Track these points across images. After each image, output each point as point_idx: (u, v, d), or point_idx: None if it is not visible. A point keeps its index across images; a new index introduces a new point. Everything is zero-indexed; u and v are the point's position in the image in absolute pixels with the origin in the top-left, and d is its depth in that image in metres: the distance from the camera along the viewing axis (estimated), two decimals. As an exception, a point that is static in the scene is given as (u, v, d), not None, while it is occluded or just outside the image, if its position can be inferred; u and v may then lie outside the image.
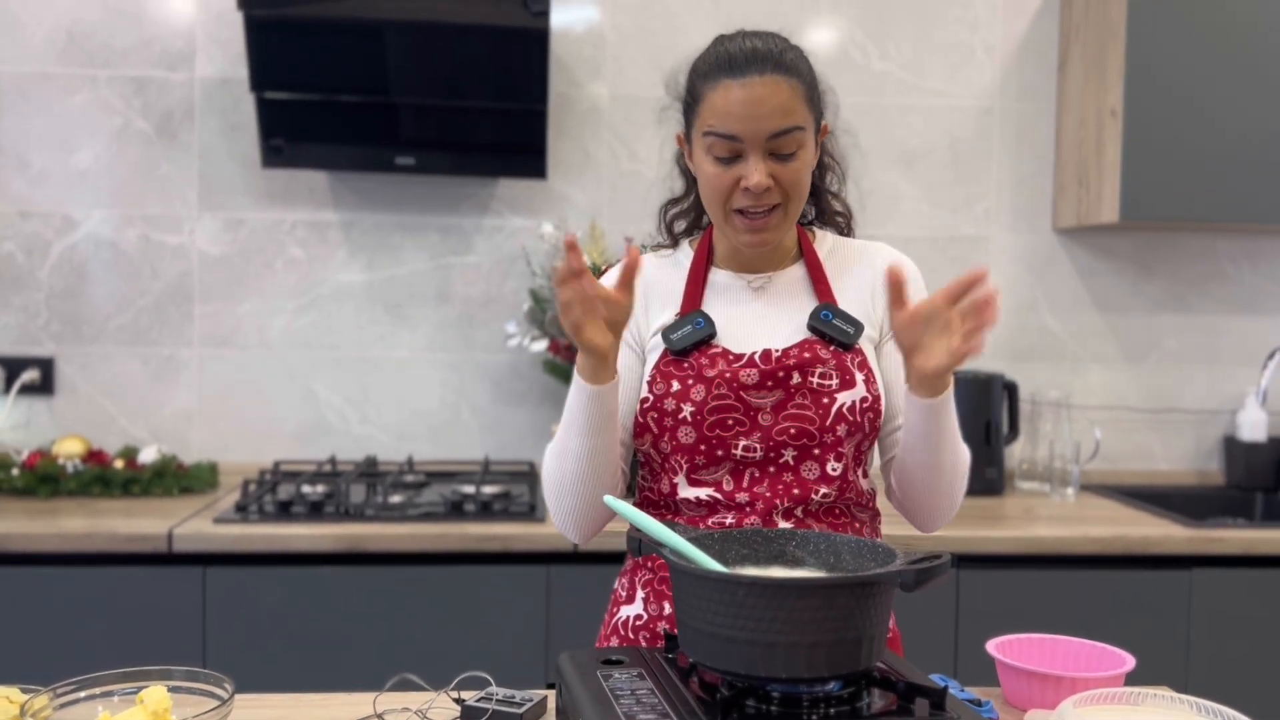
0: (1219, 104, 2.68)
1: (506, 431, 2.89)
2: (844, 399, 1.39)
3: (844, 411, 1.39)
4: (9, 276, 2.77)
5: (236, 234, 2.82)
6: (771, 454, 1.39)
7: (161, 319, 2.81)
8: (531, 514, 2.37)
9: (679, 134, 1.47)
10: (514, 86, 2.63)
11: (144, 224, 2.79)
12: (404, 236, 2.86)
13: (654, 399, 1.41)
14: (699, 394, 1.38)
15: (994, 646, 1.38)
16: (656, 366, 1.42)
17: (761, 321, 1.44)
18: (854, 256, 1.50)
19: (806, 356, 1.39)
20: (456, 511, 2.38)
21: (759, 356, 1.40)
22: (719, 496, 1.40)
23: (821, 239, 1.52)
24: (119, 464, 2.58)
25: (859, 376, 1.40)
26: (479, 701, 1.24)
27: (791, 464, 1.39)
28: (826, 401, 1.38)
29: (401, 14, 2.55)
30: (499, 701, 1.23)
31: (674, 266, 1.50)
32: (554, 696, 1.25)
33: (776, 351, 1.40)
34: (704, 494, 1.40)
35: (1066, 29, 2.96)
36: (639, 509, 1.47)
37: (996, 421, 2.81)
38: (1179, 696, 1.18)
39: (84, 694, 1.18)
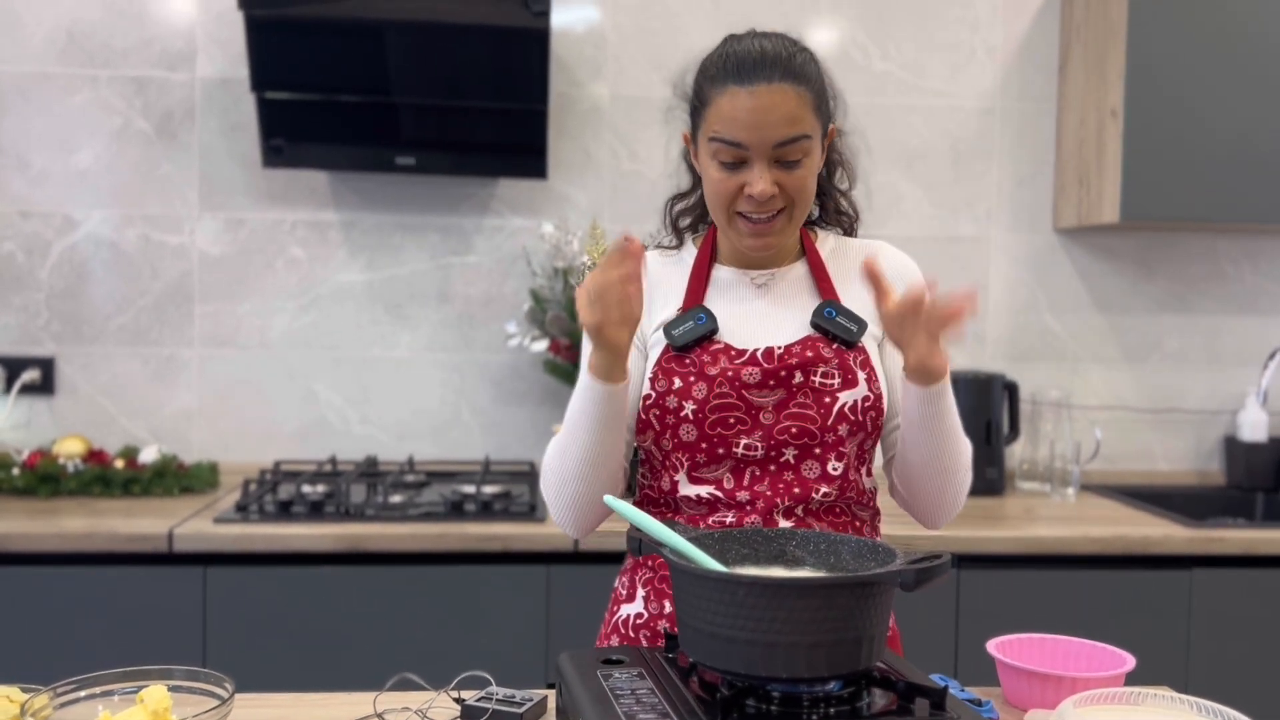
0: (1219, 104, 2.68)
1: (507, 431, 2.89)
2: (846, 398, 1.38)
3: (846, 411, 1.38)
4: (9, 276, 2.77)
5: (237, 234, 2.82)
6: (772, 453, 1.39)
7: (162, 319, 2.81)
8: (532, 514, 2.38)
9: (685, 132, 1.46)
10: (514, 86, 2.63)
11: (144, 224, 2.80)
12: (404, 236, 2.86)
13: (656, 396, 1.41)
14: (700, 392, 1.38)
15: (994, 646, 1.38)
16: (658, 363, 1.42)
17: (764, 318, 1.44)
18: (856, 256, 1.50)
19: (809, 355, 1.39)
20: (457, 511, 2.38)
21: (761, 354, 1.40)
22: (719, 494, 1.40)
23: (823, 239, 1.52)
24: (119, 464, 2.58)
25: (861, 375, 1.40)
26: (479, 701, 1.24)
27: (792, 463, 1.39)
28: (828, 401, 1.38)
29: (402, 14, 2.55)
30: (499, 701, 1.23)
31: (677, 263, 1.50)
32: (554, 696, 1.25)
33: (779, 349, 1.40)
34: (704, 492, 1.40)
35: (1067, 29, 2.96)
36: (639, 507, 1.47)
37: (997, 421, 2.81)
38: (1179, 696, 1.18)
39: (84, 693, 1.18)
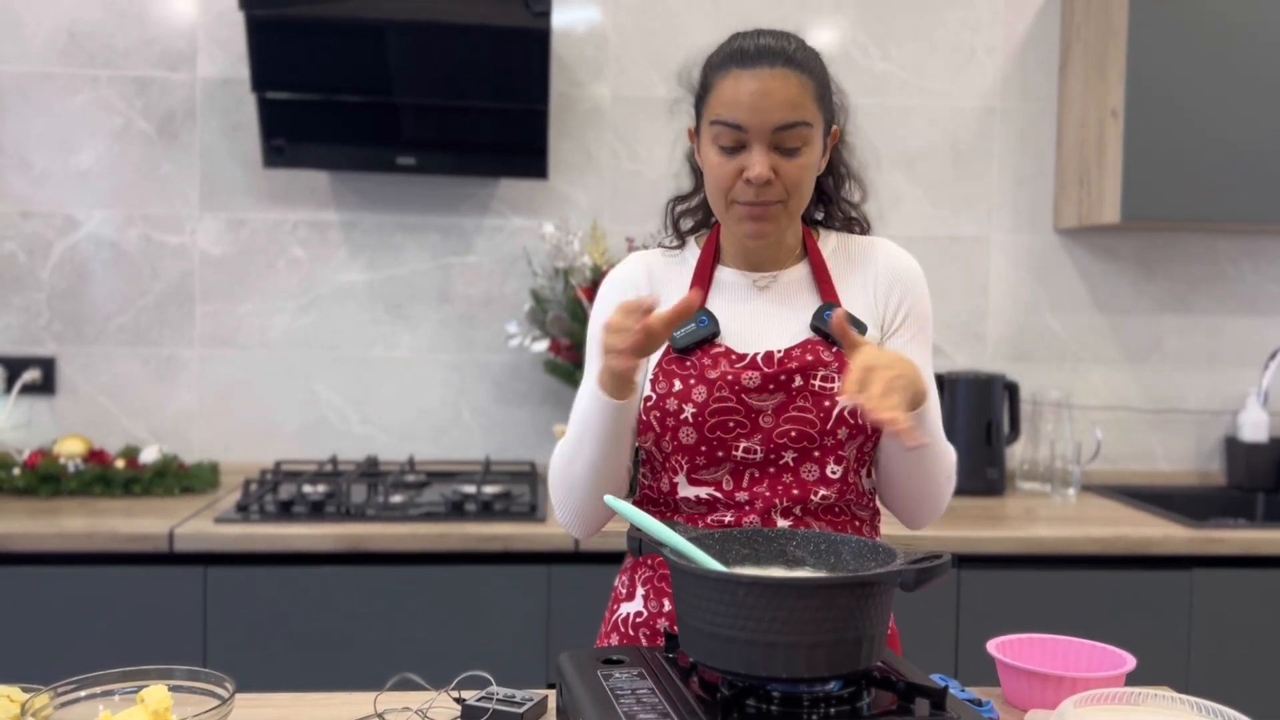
0: (1219, 104, 2.68)
1: (507, 431, 2.89)
2: (846, 402, 1.38)
3: (845, 414, 1.38)
4: (10, 276, 2.77)
5: (238, 234, 2.82)
6: (772, 455, 1.39)
7: (163, 319, 2.81)
8: (532, 514, 2.38)
9: (690, 128, 1.47)
10: (515, 86, 2.63)
11: (145, 224, 2.80)
12: (405, 236, 2.86)
13: (656, 398, 1.41)
14: (700, 395, 1.38)
15: (994, 646, 1.38)
16: (659, 364, 1.42)
17: (765, 320, 1.44)
18: (858, 254, 1.50)
19: (809, 359, 1.39)
20: (457, 511, 2.39)
21: (761, 358, 1.40)
22: (719, 495, 1.40)
23: (825, 238, 1.52)
24: (120, 464, 2.58)
25: None
26: (479, 701, 1.24)
27: (791, 465, 1.39)
28: (828, 404, 1.38)
29: (403, 14, 2.56)
30: (499, 701, 1.23)
31: (679, 264, 1.50)
32: (554, 696, 1.25)
33: (779, 353, 1.40)
34: (703, 493, 1.41)
35: (1067, 30, 2.96)
36: (639, 506, 1.47)
37: (997, 422, 2.81)
38: (1179, 697, 1.18)
39: (85, 693, 1.18)
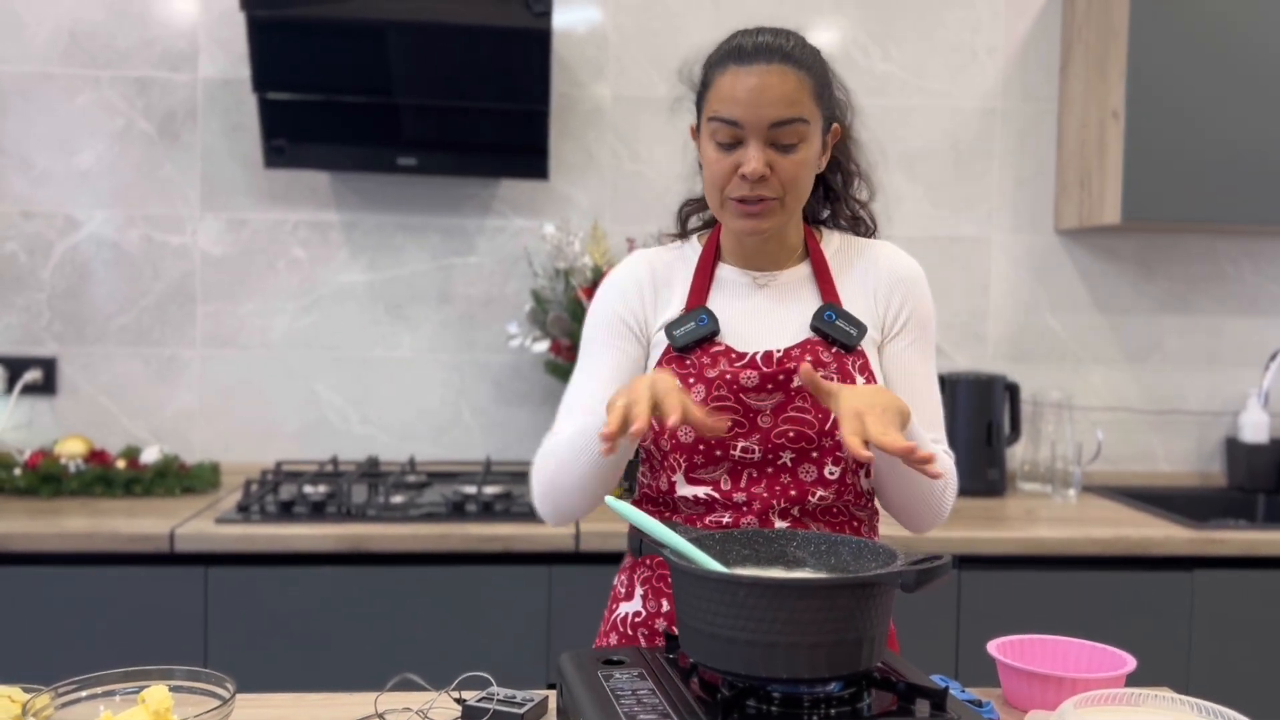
0: (1220, 106, 2.68)
1: (508, 432, 2.89)
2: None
3: None
4: (11, 276, 2.77)
5: (238, 234, 2.82)
6: (770, 455, 1.39)
7: (163, 319, 2.81)
8: (533, 514, 2.37)
9: (692, 125, 1.47)
10: (516, 87, 2.63)
11: (146, 224, 2.80)
12: (406, 237, 2.86)
13: (655, 397, 1.41)
14: (699, 394, 1.38)
15: (995, 647, 1.38)
16: (659, 363, 1.42)
17: (765, 320, 1.44)
18: (859, 255, 1.50)
19: (808, 360, 1.39)
20: (458, 512, 2.39)
21: (760, 358, 1.40)
22: (716, 495, 1.40)
23: (828, 238, 1.52)
24: (121, 464, 2.58)
25: (860, 380, 1.40)
26: (480, 702, 1.24)
27: (789, 466, 1.39)
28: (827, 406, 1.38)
29: (403, 14, 2.56)
30: (500, 702, 1.23)
31: (681, 259, 1.50)
32: (555, 697, 1.25)
33: (778, 353, 1.40)
34: (701, 492, 1.41)
35: (1068, 31, 2.96)
36: (638, 505, 1.48)
37: (998, 422, 2.81)
38: (1180, 698, 1.18)
39: (85, 693, 1.18)
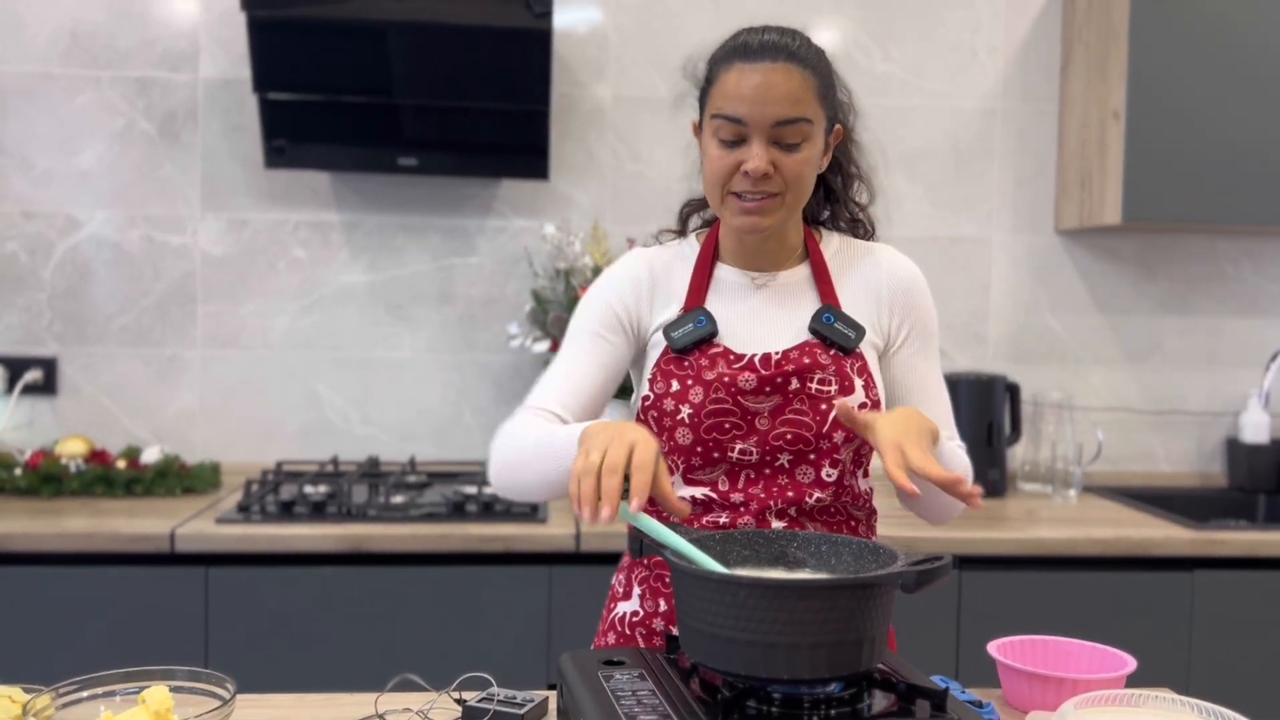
0: (1221, 106, 2.68)
1: (508, 432, 2.89)
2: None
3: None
4: (12, 277, 2.77)
5: (239, 234, 2.82)
6: (767, 457, 1.39)
7: (164, 319, 2.81)
8: (533, 515, 2.38)
9: (694, 122, 1.46)
10: (516, 87, 2.63)
11: (147, 224, 2.80)
12: (406, 237, 2.86)
13: (654, 398, 1.41)
14: (697, 396, 1.38)
15: (995, 648, 1.38)
16: (657, 364, 1.42)
17: (763, 321, 1.44)
18: (859, 258, 1.50)
19: (806, 362, 1.39)
20: (458, 512, 2.39)
21: (759, 360, 1.39)
22: (714, 496, 1.40)
23: (828, 239, 1.51)
24: (121, 464, 2.58)
25: (858, 382, 1.40)
26: (480, 702, 1.24)
27: (787, 467, 1.39)
28: (824, 408, 1.38)
29: (404, 15, 2.56)
30: (500, 702, 1.23)
31: (680, 260, 1.49)
32: (555, 697, 1.25)
33: (776, 355, 1.40)
34: (699, 493, 1.41)
35: (1069, 31, 2.96)
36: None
37: (998, 423, 2.81)
38: (1180, 698, 1.18)
39: (86, 694, 1.19)
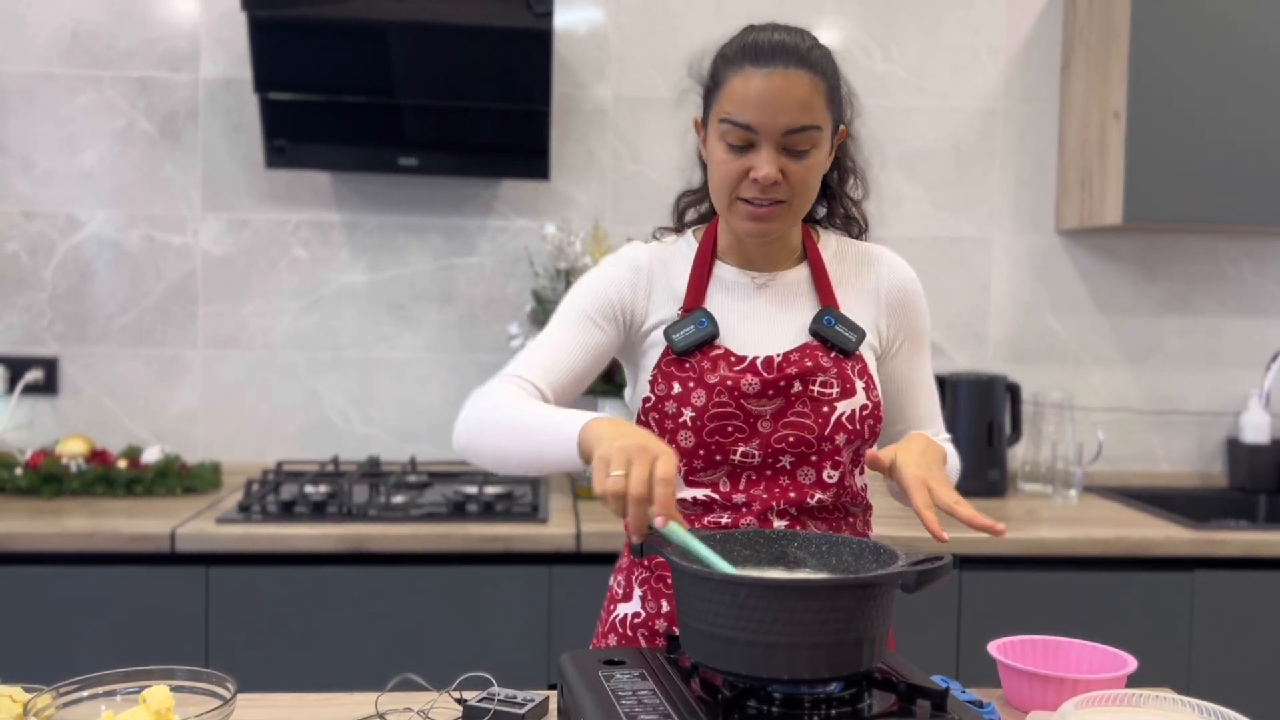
0: (1221, 106, 2.68)
1: (509, 432, 2.89)
2: (844, 408, 1.39)
3: (843, 420, 1.39)
4: (13, 276, 2.77)
5: (240, 234, 2.82)
6: (769, 459, 1.39)
7: (165, 319, 2.81)
8: (534, 514, 2.38)
9: (696, 118, 1.45)
10: (517, 87, 2.63)
11: (148, 224, 2.80)
12: (407, 237, 2.86)
13: (655, 399, 1.41)
14: (699, 399, 1.38)
15: (995, 648, 1.38)
16: (658, 365, 1.42)
17: (764, 322, 1.43)
18: (858, 260, 1.50)
19: (808, 364, 1.39)
20: (459, 512, 2.39)
21: (761, 363, 1.39)
22: (715, 497, 1.40)
23: (826, 240, 1.51)
24: (122, 464, 2.58)
25: (859, 384, 1.40)
26: (481, 702, 1.24)
27: (789, 469, 1.40)
28: (826, 410, 1.38)
29: (405, 15, 2.56)
30: (501, 702, 1.23)
31: (677, 257, 1.49)
32: (555, 697, 1.25)
33: (778, 357, 1.40)
34: (700, 494, 1.41)
35: (1070, 31, 2.96)
36: None
37: (999, 423, 2.81)
38: (1181, 698, 1.18)
39: (87, 693, 1.19)
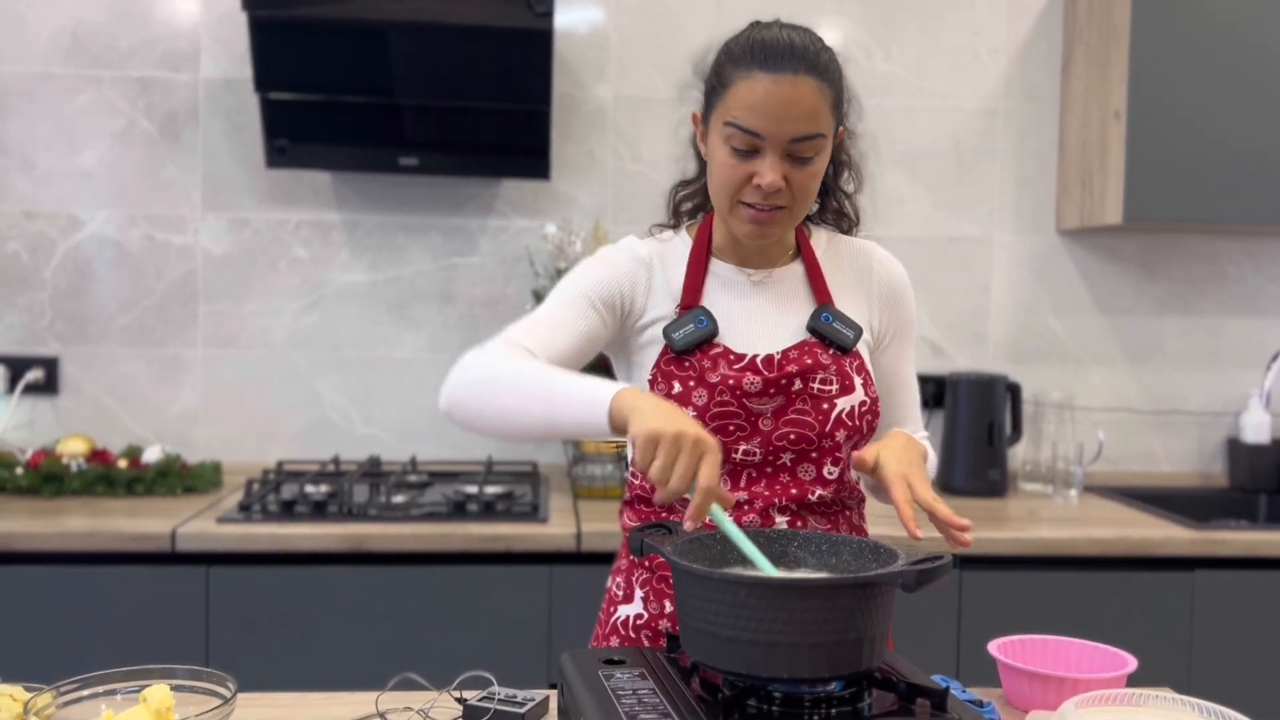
0: (1222, 106, 2.68)
1: (509, 432, 2.89)
2: (843, 404, 1.39)
3: (843, 417, 1.39)
4: (14, 276, 2.77)
5: (240, 234, 2.82)
6: (770, 457, 1.39)
7: (166, 319, 2.81)
8: (534, 514, 2.38)
9: (695, 113, 1.44)
10: (518, 87, 2.63)
11: (148, 224, 2.80)
12: (408, 237, 2.86)
13: (656, 400, 1.41)
14: (701, 398, 1.38)
15: (996, 647, 1.39)
16: (657, 365, 1.42)
17: (762, 320, 1.43)
18: (850, 255, 1.50)
19: (808, 362, 1.39)
20: (459, 512, 2.39)
21: (761, 362, 1.39)
22: (719, 496, 1.40)
23: (816, 235, 1.51)
24: (123, 463, 2.58)
25: (857, 381, 1.41)
26: (481, 701, 1.24)
27: (789, 465, 1.40)
28: (826, 408, 1.39)
29: (405, 15, 2.56)
30: (501, 701, 1.24)
31: (675, 254, 1.48)
32: (556, 696, 1.25)
33: (777, 355, 1.40)
34: (703, 494, 1.41)
35: (1070, 31, 2.96)
36: (630, 506, 1.48)
37: (999, 423, 2.81)
38: (1181, 698, 1.18)
39: (87, 692, 1.19)
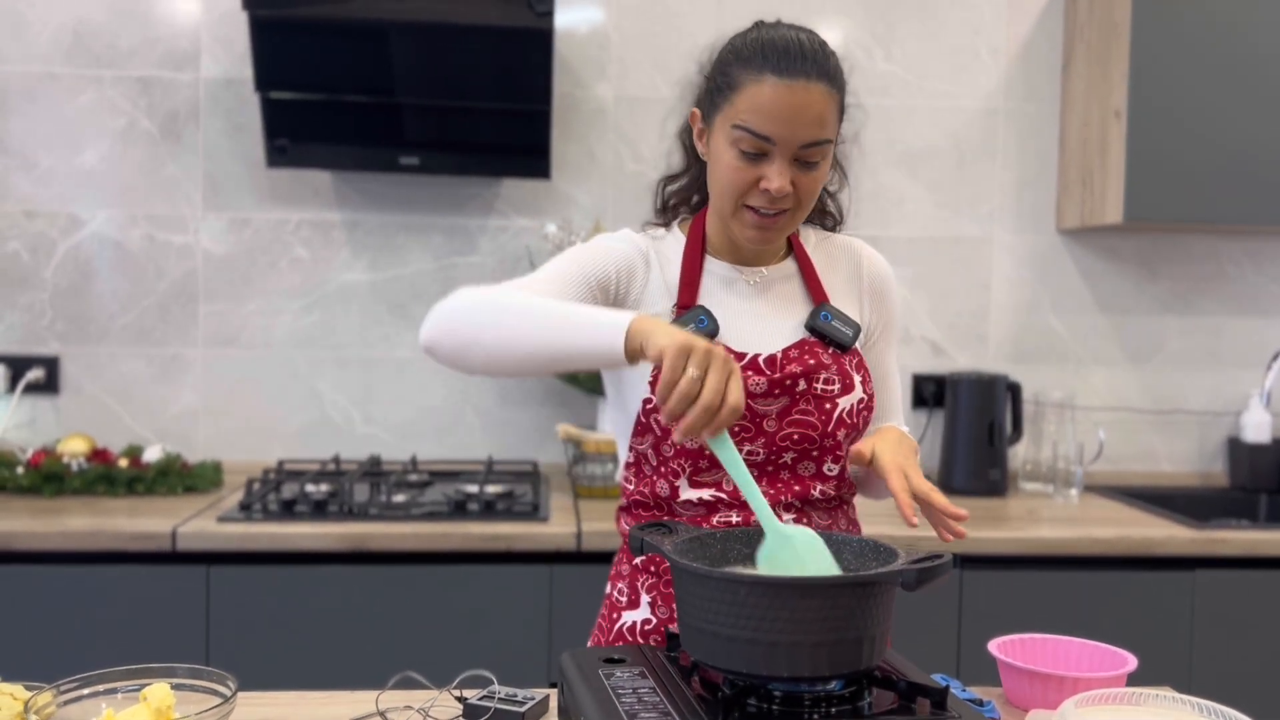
0: (1223, 105, 2.68)
1: (510, 431, 2.90)
2: (844, 403, 1.39)
3: (844, 416, 1.40)
4: (14, 276, 2.77)
5: (241, 234, 2.82)
6: (773, 457, 1.40)
7: (166, 318, 2.81)
8: (535, 514, 2.38)
9: (695, 110, 1.43)
10: (518, 87, 2.63)
11: (149, 224, 2.80)
12: (408, 236, 2.86)
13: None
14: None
15: (996, 646, 1.39)
16: (659, 366, 1.41)
17: (760, 319, 1.44)
18: (839, 253, 1.51)
19: (810, 362, 1.39)
20: (460, 511, 2.39)
21: (764, 362, 1.39)
22: (721, 495, 1.40)
23: (805, 233, 1.52)
24: (123, 463, 2.58)
25: (857, 379, 1.42)
26: (481, 700, 1.24)
27: (790, 464, 1.40)
28: (829, 407, 1.39)
29: (406, 14, 2.56)
30: (501, 700, 1.24)
31: (670, 252, 1.47)
32: (556, 695, 1.25)
33: (778, 354, 1.40)
34: (706, 494, 1.41)
35: (1071, 30, 2.96)
36: (627, 511, 1.47)
37: (1000, 422, 2.81)
38: (1181, 697, 1.18)
39: (88, 691, 1.19)
